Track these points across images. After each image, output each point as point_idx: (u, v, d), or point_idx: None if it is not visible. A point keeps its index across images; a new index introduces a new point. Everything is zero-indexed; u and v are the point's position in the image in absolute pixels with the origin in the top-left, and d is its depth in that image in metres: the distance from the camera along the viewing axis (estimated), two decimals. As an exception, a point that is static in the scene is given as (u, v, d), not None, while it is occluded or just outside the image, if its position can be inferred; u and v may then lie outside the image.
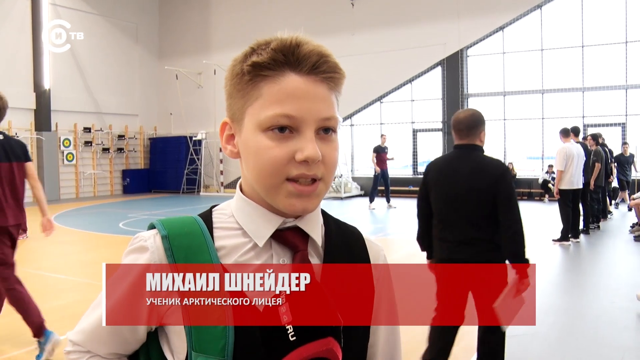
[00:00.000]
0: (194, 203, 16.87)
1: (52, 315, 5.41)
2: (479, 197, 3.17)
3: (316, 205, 0.90)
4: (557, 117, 16.24)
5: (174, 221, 0.94)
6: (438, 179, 3.34)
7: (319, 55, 0.87)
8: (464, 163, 3.25)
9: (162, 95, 22.45)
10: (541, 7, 16.55)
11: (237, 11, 20.80)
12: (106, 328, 0.93)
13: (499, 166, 3.25)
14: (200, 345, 0.86)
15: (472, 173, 3.20)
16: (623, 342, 4.57)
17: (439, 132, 18.25)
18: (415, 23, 17.77)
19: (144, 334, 0.94)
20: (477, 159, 3.24)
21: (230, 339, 0.85)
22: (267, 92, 0.86)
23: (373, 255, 1.01)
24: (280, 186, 0.86)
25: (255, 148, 0.87)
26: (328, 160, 0.88)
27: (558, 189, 8.74)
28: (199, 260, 0.89)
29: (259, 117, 0.86)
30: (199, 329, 0.87)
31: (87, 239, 10.50)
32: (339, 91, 0.92)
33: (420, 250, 3.61)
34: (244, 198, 0.94)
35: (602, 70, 16.01)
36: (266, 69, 0.86)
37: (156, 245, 0.90)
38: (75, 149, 19.43)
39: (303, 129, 0.85)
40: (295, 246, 0.91)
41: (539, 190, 16.08)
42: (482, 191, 3.16)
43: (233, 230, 0.94)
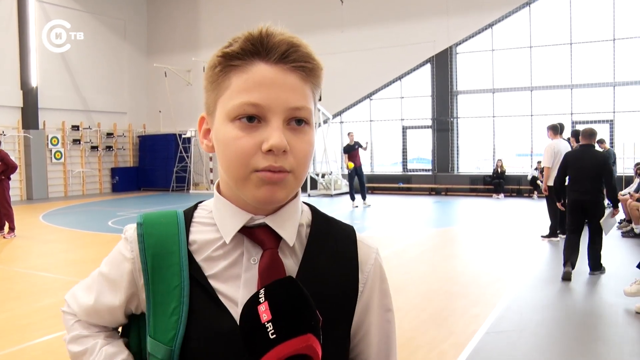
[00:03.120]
0: (183, 201, 16.82)
1: (41, 314, 5.40)
2: (594, 169, 6.49)
3: (284, 195, 0.87)
4: (546, 114, 16.35)
5: (155, 213, 0.98)
6: (574, 160, 6.70)
7: (289, 45, 0.85)
8: (587, 153, 6.64)
9: (151, 93, 22.35)
10: (530, 5, 16.64)
11: (226, 8, 20.74)
12: (91, 307, 1.00)
13: (603, 155, 6.79)
14: (154, 331, 0.91)
15: (591, 158, 6.58)
16: (611, 337, 4.61)
17: (429, 129, 18.29)
18: (404, 20, 17.80)
19: (122, 317, 1.00)
20: (593, 151, 6.73)
21: (181, 332, 0.88)
22: (235, 82, 0.85)
23: (363, 257, 0.98)
24: (249, 177, 0.84)
25: (224, 139, 0.86)
26: (298, 152, 0.85)
27: (546, 186, 8.80)
28: (167, 249, 0.92)
29: (227, 107, 0.85)
30: (155, 316, 0.91)
31: (76, 237, 10.44)
32: (316, 83, 0.90)
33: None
34: (218, 195, 0.94)
35: (590, 68, 16.13)
36: (236, 58, 0.85)
37: (135, 235, 0.95)
38: (64, 147, 19.31)
39: (270, 118, 0.84)
40: (263, 243, 0.90)
41: (528, 187, 16.18)
42: (595, 166, 6.49)
43: (209, 225, 0.94)
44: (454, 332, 4.70)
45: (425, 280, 6.52)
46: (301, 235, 0.96)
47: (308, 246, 0.95)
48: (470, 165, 18.49)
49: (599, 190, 6.55)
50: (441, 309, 5.41)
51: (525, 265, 7.36)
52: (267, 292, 0.82)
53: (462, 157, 18.32)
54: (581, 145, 6.81)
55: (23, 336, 4.72)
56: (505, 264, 7.40)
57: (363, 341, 0.99)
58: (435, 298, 5.79)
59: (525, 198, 16.06)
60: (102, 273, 0.99)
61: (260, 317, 0.80)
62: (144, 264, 0.92)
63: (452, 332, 4.69)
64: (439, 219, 12.88)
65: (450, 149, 17.88)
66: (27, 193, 18.16)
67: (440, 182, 17.85)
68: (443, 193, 17.66)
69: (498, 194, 16.35)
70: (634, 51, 15.65)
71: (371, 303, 0.98)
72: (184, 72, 21.08)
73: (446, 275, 6.85)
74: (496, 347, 4.37)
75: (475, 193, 17.23)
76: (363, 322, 0.98)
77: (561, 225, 8.99)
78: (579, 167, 6.56)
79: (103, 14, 20.49)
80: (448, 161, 17.89)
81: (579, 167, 6.57)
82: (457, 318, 5.11)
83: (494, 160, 17.40)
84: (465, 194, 17.34)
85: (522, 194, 16.65)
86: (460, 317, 5.14)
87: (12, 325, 5.09)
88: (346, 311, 0.95)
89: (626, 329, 4.79)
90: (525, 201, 15.30)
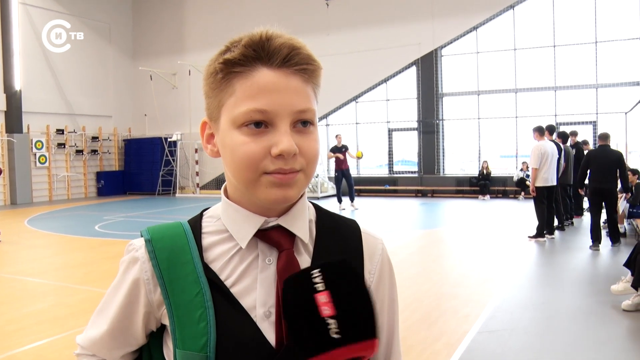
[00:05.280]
0: (170, 205, 16.73)
1: (28, 320, 5.34)
2: (612, 165, 8.16)
3: (296, 194, 0.88)
4: (530, 115, 16.50)
5: (160, 226, 0.97)
6: (595, 158, 8.36)
7: (290, 48, 0.86)
8: (605, 152, 8.35)
9: (137, 96, 22.21)
10: (514, 8, 16.80)
11: (211, 11, 20.68)
12: (107, 336, 0.98)
13: (619, 153, 8.49)
14: (183, 343, 0.88)
15: (610, 155, 8.27)
16: (599, 334, 4.66)
17: (414, 132, 18.37)
18: (390, 23, 17.88)
19: (144, 337, 0.98)
20: (611, 150, 8.44)
21: (213, 336, 0.87)
22: (239, 89, 0.85)
23: (369, 249, 1.00)
24: (259, 179, 0.85)
25: (231, 145, 0.86)
26: (307, 152, 0.86)
27: (534, 187, 8.88)
28: (180, 260, 0.91)
29: (233, 114, 0.85)
30: (182, 327, 0.89)
31: (62, 242, 10.34)
32: (317, 83, 0.90)
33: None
34: (227, 201, 0.94)
35: (573, 70, 16.31)
36: (238, 65, 0.85)
37: (145, 254, 0.93)
38: (48, 151, 19.12)
39: (278, 123, 0.84)
40: (280, 245, 0.91)
41: (514, 188, 16.31)
42: (613, 162, 8.17)
43: (220, 233, 0.94)
44: (445, 332, 4.73)
45: (415, 282, 6.55)
46: (311, 231, 0.97)
47: (317, 241, 0.96)
48: (456, 167, 18.60)
49: (614, 180, 8.31)
50: (432, 309, 5.43)
51: (514, 265, 7.42)
52: (328, 280, 0.79)
53: (448, 159, 18.42)
54: (600, 146, 8.56)
55: (10, 343, 4.66)
56: (494, 265, 7.45)
57: None
58: (425, 299, 5.81)
59: (511, 199, 16.19)
60: (111, 295, 0.97)
61: (320, 309, 0.77)
62: (159, 278, 0.91)
63: (444, 333, 4.71)
64: (426, 221, 12.93)
65: (436, 151, 17.98)
66: (11, 198, 17.95)
67: (426, 184, 17.93)
68: (429, 195, 17.74)
69: (484, 195, 16.46)
70: (616, 53, 15.86)
71: (380, 293, 0.99)
72: (169, 76, 20.99)
73: (436, 277, 6.88)
74: (488, 346, 4.40)
75: (461, 194, 17.33)
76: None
77: (548, 226, 9.09)
78: (600, 163, 8.25)
79: (88, 17, 20.33)
80: (434, 163, 17.98)
81: (600, 163, 8.25)
82: (449, 318, 5.14)
83: (479, 161, 17.53)
84: (451, 196, 17.44)
85: (507, 195, 16.78)
86: (452, 317, 5.17)
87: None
88: None
89: (614, 327, 4.85)
90: (511, 202, 15.41)
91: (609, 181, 8.24)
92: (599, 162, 8.26)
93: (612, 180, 8.26)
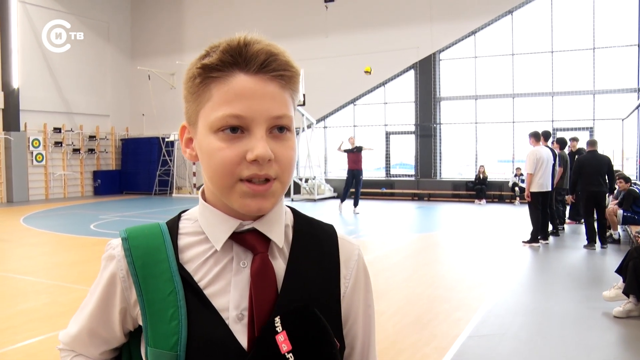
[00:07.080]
0: (166, 205, 16.73)
1: (21, 317, 5.34)
2: (602, 169, 8.71)
3: (271, 204, 0.89)
4: (527, 120, 16.54)
5: (138, 226, 0.99)
6: (585, 162, 8.83)
7: (267, 54, 0.86)
8: (595, 157, 8.86)
9: (134, 96, 22.21)
10: (512, 13, 16.84)
11: (210, 12, 20.70)
12: (86, 333, 1.00)
13: (607, 158, 9.08)
14: (155, 341, 0.90)
15: (600, 160, 8.85)
16: (590, 341, 4.67)
17: (412, 135, 18.39)
18: (388, 26, 17.91)
19: (122, 335, 0.99)
20: (600, 155, 9.02)
21: (184, 335, 0.88)
22: (216, 94, 0.85)
23: (345, 255, 1.00)
24: (234, 186, 0.86)
25: (207, 150, 0.87)
26: (282, 159, 0.87)
27: (529, 192, 8.91)
28: (155, 258, 0.92)
29: (210, 119, 0.86)
30: (154, 325, 0.90)
31: (57, 240, 10.33)
32: (294, 89, 0.91)
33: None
34: (204, 203, 0.95)
35: (571, 76, 16.35)
36: (215, 70, 0.86)
37: (121, 251, 0.95)
38: (45, 149, 19.11)
39: (253, 129, 0.85)
40: (254, 248, 0.92)
41: (510, 193, 16.34)
42: (602, 166, 8.74)
43: (196, 235, 0.95)
44: (436, 335, 4.74)
45: (408, 285, 6.56)
46: (287, 236, 0.97)
47: (293, 246, 0.96)
48: (453, 171, 18.62)
49: (605, 183, 8.79)
50: (424, 313, 5.44)
51: (507, 270, 7.43)
52: (284, 321, 0.85)
53: (445, 163, 18.45)
54: (589, 151, 9.08)
55: (3, 340, 4.67)
56: (487, 269, 7.47)
57: (346, 338, 1.00)
58: (418, 302, 5.82)
59: (507, 204, 16.21)
60: (91, 293, 1.00)
61: (280, 347, 0.83)
62: (134, 276, 0.92)
63: (434, 336, 4.72)
64: (421, 225, 12.95)
65: (433, 155, 18.00)
66: (7, 196, 17.94)
67: (422, 187, 17.95)
68: (426, 198, 17.76)
69: (480, 200, 16.48)
70: (613, 60, 15.91)
71: (356, 299, 1.00)
72: (167, 75, 20.99)
73: (429, 280, 6.89)
74: (478, 350, 4.42)
75: (458, 199, 17.35)
76: (348, 318, 0.99)
77: (542, 231, 9.11)
78: (591, 168, 8.75)
79: (86, 16, 20.32)
80: (431, 167, 18.00)
81: (591, 167, 8.75)
82: (440, 322, 5.15)
83: (476, 166, 17.56)
84: (447, 200, 17.46)
85: (503, 199, 16.80)
86: (443, 321, 5.18)
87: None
88: (334, 308, 0.96)
89: (605, 333, 4.86)
90: (507, 207, 15.44)
91: (601, 184, 8.77)
92: (590, 167, 8.76)
93: (603, 183, 8.81)
